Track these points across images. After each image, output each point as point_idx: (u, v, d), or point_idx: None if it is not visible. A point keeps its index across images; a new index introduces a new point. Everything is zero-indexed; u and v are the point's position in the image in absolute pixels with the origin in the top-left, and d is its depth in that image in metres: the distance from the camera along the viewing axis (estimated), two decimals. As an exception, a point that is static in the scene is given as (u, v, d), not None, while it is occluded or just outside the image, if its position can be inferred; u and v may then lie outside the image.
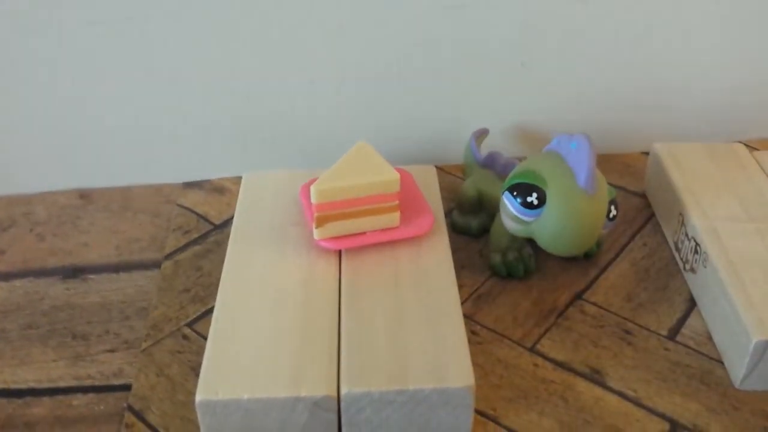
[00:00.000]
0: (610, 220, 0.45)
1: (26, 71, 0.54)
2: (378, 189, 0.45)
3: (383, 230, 0.46)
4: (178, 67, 0.55)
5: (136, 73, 0.55)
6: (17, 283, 0.50)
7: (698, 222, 0.48)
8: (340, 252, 0.46)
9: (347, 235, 0.46)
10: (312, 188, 0.44)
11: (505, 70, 0.58)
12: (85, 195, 0.58)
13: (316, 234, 0.45)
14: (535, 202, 0.43)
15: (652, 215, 0.55)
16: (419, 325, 0.41)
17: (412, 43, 0.56)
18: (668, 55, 0.59)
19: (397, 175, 0.45)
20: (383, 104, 0.59)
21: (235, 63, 0.56)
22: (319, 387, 0.38)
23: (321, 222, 0.45)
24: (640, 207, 0.56)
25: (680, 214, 0.50)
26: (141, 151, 0.59)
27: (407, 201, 0.48)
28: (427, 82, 0.58)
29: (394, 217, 0.46)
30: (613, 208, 0.45)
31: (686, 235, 0.49)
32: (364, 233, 0.46)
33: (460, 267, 0.47)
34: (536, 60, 0.58)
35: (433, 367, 0.38)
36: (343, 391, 0.38)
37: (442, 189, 0.52)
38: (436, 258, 0.46)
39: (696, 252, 0.48)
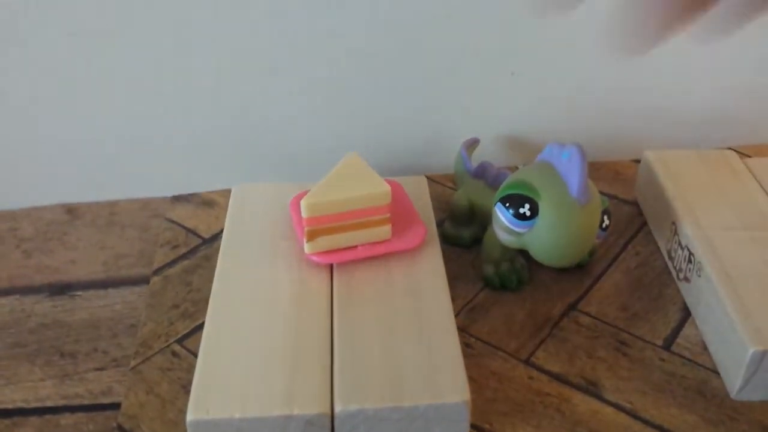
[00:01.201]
0: (603, 230, 0.45)
1: (7, 84, 0.54)
2: (369, 202, 0.44)
3: (375, 243, 0.46)
4: (164, 79, 0.55)
5: (121, 85, 0.55)
6: (3, 301, 0.49)
7: (691, 231, 0.48)
8: (331, 266, 0.46)
9: (338, 249, 0.45)
10: (302, 203, 0.43)
11: (495, 79, 0.58)
12: (71, 210, 0.58)
13: (307, 248, 0.45)
14: (528, 213, 0.43)
15: (644, 224, 0.55)
16: (413, 339, 0.40)
17: (402, 51, 0.56)
18: (658, 61, 0.59)
19: (387, 188, 0.44)
20: (372, 114, 0.58)
21: (222, 75, 0.55)
22: (312, 405, 0.37)
23: (312, 236, 0.44)
24: (631, 215, 0.56)
25: (673, 222, 0.50)
26: (127, 165, 0.58)
27: (398, 213, 0.48)
28: (416, 92, 0.58)
29: (386, 230, 0.46)
30: (605, 218, 0.45)
31: (679, 243, 0.49)
32: (356, 247, 0.45)
33: (452, 278, 0.47)
34: (526, 69, 0.58)
35: (427, 383, 0.38)
36: (337, 408, 0.37)
37: (432, 199, 0.52)
38: (429, 270, 0.45)
39: (690, 261, 0.47)
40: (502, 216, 0.44)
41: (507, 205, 0.43)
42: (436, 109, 0.59)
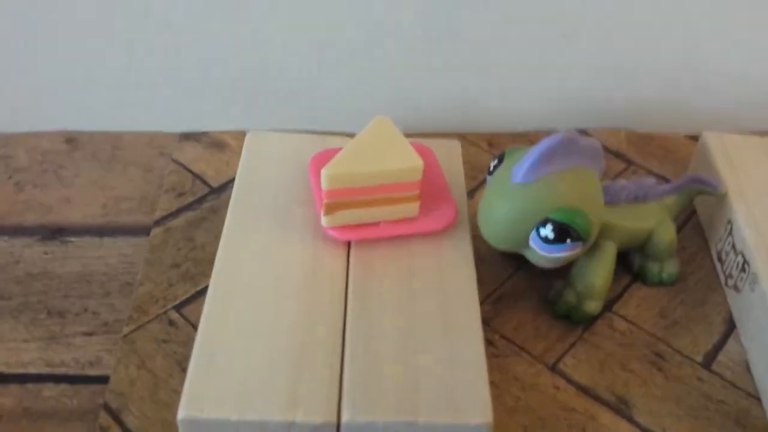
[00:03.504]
0: (544, 240, 0.38)
1: (14, 4, 0.48)
2: (398, 177, 0.40)
3: (399, 222, 0.41)
4: (177, 6, 0.49)
5: (133, 10, 0.49)
6: (-9, 240, 0.46)
7: (749, 235, 0.43)
8: (349, 242, 0.41)
9: (359, 224, 0.41)
10: (323, 172, 0.39)
11: (544, 41, 0.52)
12: (71, 139, 0.53)
13: (324, 221, 0.40)
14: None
15: (694, 213, 0.50)
16: (433, 342, 0.36)
17: (442, 3, 0.50)
18: (729, 28, 0.53)
19: (420, 162, 0.40)
20: (405, 67, 0.53)
21: (242, 8, 0.49)
22: (317, 412, 0.33)
23: (330, 209, 0.40)
24: (680, 202, 0.51)
25: (728, 221, 0.45)
26: (135, 94, 0.53)
27: (428, 186, 0.42)
28: (454, 46, 0.52)
29: (413, 208, 0.41)
30: (551, 228, 0.38)
31: (733, 247, 0.44)
32: (378, 224, 0.41)
33: (479, 260, 0.42)
34: (577, 32, 0.52)
35: (447, 397, 0.34)
36: (345, 418, 0.33)
37: (465, 164, 0.47)
38: (456, 257, 0.41)
39: (743, 270, 0.43)
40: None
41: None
42: (476, 67, 0.53)
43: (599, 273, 0.43)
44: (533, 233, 0.38)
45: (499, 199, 0.39)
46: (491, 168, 0.41)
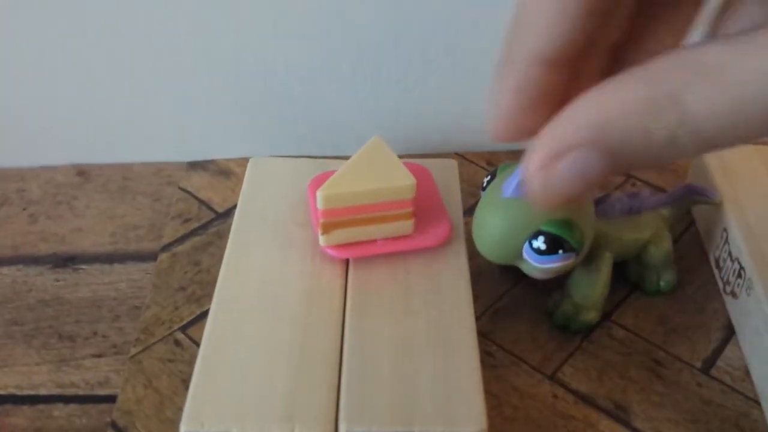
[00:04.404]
0: (536, 251, 0.38)
1: (24, 37, 0.50)
2: (391, 195, 0.41)
3: (395, 239, 0.42)
4: (183, 38, 0.51)
5: (140, 43, 0.51)
6: (5, 270, 0.47)
7: (744, 243, 0.43)
8: (347, 260, 0.42)
9: (356, 242, 0.42)
10: (318, 193, 0.40)
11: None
12: (82, 171, 0.55)
13: (322, 241, 0.41)
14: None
15: (692, 223, 0.51)
16: (429, 354, 0.37)
17: (438, 19, 0.51)
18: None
19: (412, 181, 0.41)
20: (402, 86, 0.54)
21: (244, 37, 0.51)
22: (315, 423, 0.34)
23: (327, 229, 0.41)
24: (679, 212, 0.52)
25: (724, 229, 0.46)
26: (143, 126, 0.55)
27: (423, 204, 0.44)
28: (452, 63, 0.53)
29: (408, 225, 0.42)
30: (542, 239, 0.38)
31: (729, 254, 0.45)
32: (375, 241, 0.42)
33: (476, 274, 0.43)
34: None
35: (442, 407, 0.35)
36: (342, 429, 0.34)
37: (463, 182, 0.48)
38: (452, 272, 0.42)
39: (739, 276, 0.43)
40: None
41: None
42: (474, 82, 0.54)
43: (596, 283, 0.43)
44: (526, 245, 0.39)
45: (491, 214, 0.40)
46: (485, 184, 0.42)
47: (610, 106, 0.23)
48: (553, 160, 0.25)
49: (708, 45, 0.22)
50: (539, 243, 0.39)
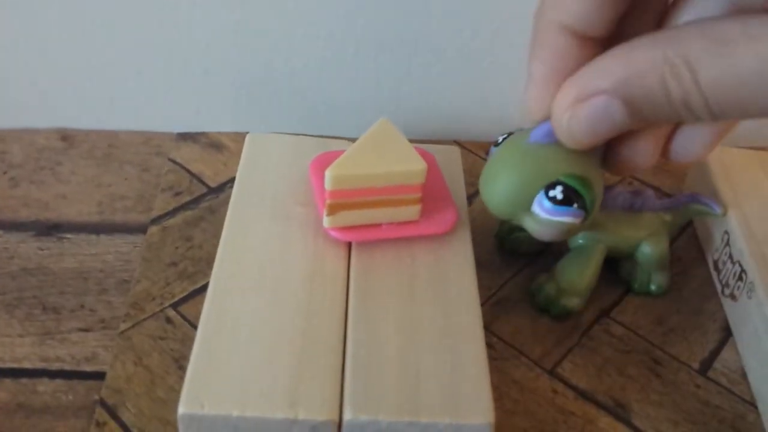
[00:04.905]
0: (552, 201, 0.36)
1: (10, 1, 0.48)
2: (401, 179, 0.40)
3: (400, 224, 0.41)
4: (182, 4, 0.49)
5: (132, 8, 0.49)
6: (-15, 235, 0.45)
7: (746, 246, 0.43)
8: (350, 243, 0.41)
9: (360, 225, 0.41)
10: (327, 173, 0.38)
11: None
12: (67, 136, 0.53)
13: (327, 222, 0.40)
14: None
15: (690, 224, 0.51)
16: (435, 342, 0.36)
17: (444, 13, 0.50)
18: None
19: (424, 165, 0.40)
20: (405, 73, 0.53)
21: (246, 8, 0.49)
22: (319, 410, 0.33)
23: (333, 210, 0.40)
24: (675, 212, 0.51)
25: (725, 231, 0.46)
26: (131, 93, 0.53)
27: (429, 190, 0.42)
28: (455, 50, 0.52)
29: (415, 210, 0.41)
30: (560, 188, 0.36)
31: (730, 257, 0.45)
32: (380, 225, 0.41)
33: (477, 266, 0.42)
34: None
35: (449, 397, 0.34)
36: (347, 417, 0.33)
37: (463, 171, 0.47)
38: (458, 259, 0.41)
39: (740, 279, 0.43)
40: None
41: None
42: (475, 75, 0.53)
43: (584, 271, 0.43)
44: (539, 195, 0.37)
45: (505, 165, 0.37)
46: (499, 140, 0.40)
47: (634, 62, 0.26)
48: (579, 102, 0.27)
49: (725, 20, 0.24)
50: (556, 192, 0.37)
